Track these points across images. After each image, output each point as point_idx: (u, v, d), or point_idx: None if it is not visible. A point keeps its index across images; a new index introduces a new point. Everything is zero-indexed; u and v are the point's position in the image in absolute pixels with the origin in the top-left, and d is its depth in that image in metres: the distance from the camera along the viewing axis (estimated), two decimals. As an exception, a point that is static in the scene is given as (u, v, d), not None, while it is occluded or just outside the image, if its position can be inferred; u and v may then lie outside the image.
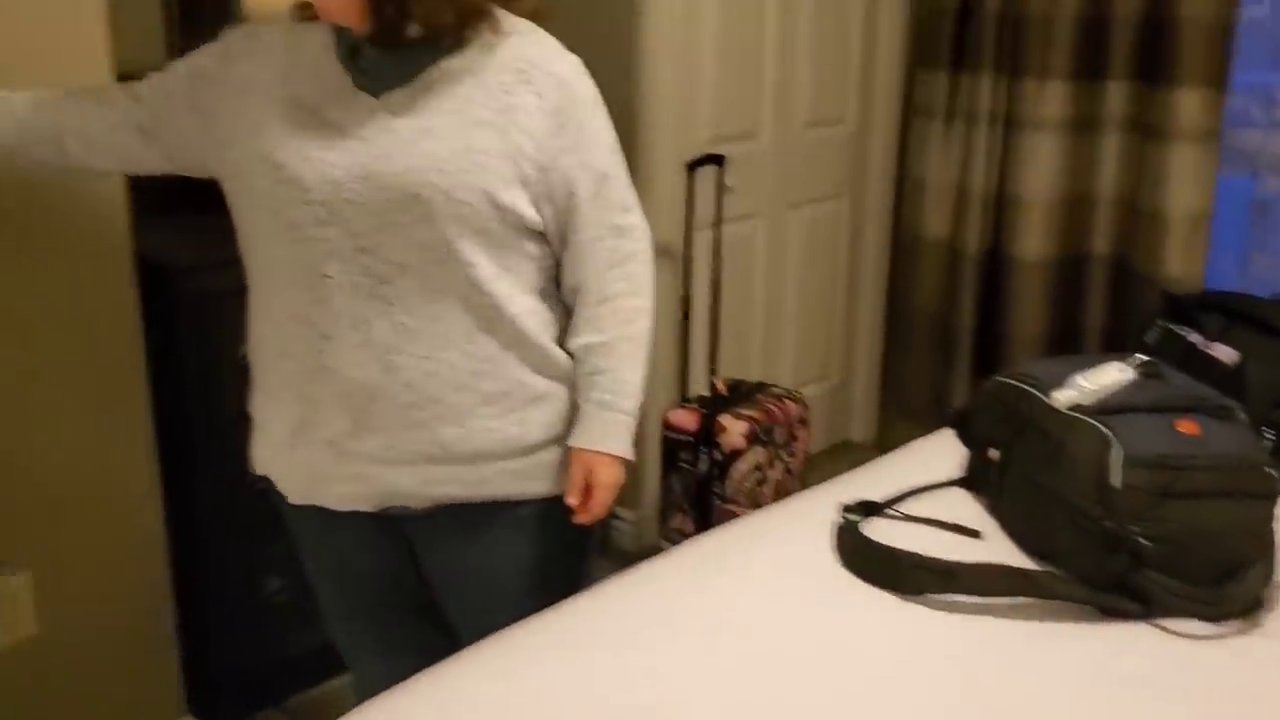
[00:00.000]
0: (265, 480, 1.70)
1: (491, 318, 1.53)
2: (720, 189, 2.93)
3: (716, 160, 2.91)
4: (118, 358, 2.06)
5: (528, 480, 1.63)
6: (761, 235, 3.35)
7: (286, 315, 1.55)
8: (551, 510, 1.63)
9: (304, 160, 1.47)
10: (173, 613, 2.24)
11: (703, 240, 3.04)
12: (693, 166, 2.88)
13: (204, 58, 1.60)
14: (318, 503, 1.64)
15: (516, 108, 1.49)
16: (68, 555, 2.06)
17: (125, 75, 1.87)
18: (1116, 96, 3.11)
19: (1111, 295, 3.26)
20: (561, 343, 1.63)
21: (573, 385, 1.63)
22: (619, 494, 1.65)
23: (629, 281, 1.61)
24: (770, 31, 3.18)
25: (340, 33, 1.51)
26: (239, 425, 1.70)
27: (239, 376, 1.68)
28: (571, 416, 1.64)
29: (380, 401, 1.53)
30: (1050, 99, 3.13)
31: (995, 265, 3.36)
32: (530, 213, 1.52)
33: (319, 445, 1.59)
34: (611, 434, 1.61)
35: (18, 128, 1.61)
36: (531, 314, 1.57)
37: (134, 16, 2.14)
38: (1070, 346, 3.33)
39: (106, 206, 1.98)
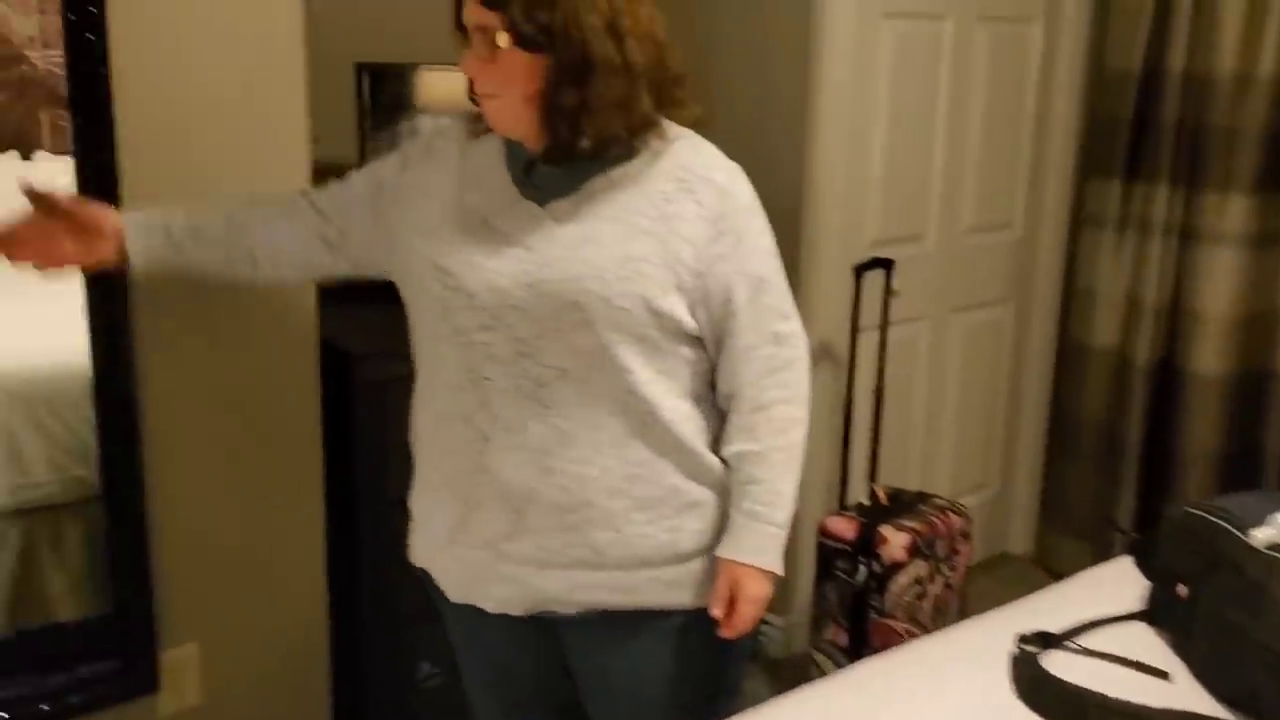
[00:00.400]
0: (424, 572, 1.72)
1: (647, 423, 1.53)
2: (887, 292, 2.89)
3: (884, 264, 2.87)
4: (297, 440, 2.12)
5: (677, 590, 1.60)
6: (924, 339, 3.30)
7: (449, 414, 1.57)
8: (699, 621, 1.60)
9: (471, 268, 1.50)
10: (329, 691, 2.27)
11: (864, 343, 3.00)
12: (860, 270, 2.86)
13: (383, 169, 1.66)
14: (474, 603, 1.65)
15: (676, 215, 1.50)
16: (234, 629, 2.11)
17: (321, 170, 1.95)
18: (1305, 211, 2.99)
19: (1293, 416, 3.11)
20: (715, 448, 1.61)
21: (725, 492, 1.61)
22: (767, 605, 1.61)
23: (785, 390, 1.58)
24: (940, 136, 3.16)
25: (511, 145, 1.55)
26: (401, 510, 1.73)
27: (405, 462, 1.70)
28: (722, 525, 1.61)
29: (536, 504, 1.54)
30: (1232, 212, 3.02)
31: (1167, 378, 3.23)
32: (687, 319, 1.52)
33: (477, 545, 1.60)
34: (762, 547, 1.58)
35: (211, 255, 1.68)
36: (686, 419, 1.56)
37: (328, 116, 2.23)
38: (1246, 466, 3.17)
39: (295, 294, 2.05)
